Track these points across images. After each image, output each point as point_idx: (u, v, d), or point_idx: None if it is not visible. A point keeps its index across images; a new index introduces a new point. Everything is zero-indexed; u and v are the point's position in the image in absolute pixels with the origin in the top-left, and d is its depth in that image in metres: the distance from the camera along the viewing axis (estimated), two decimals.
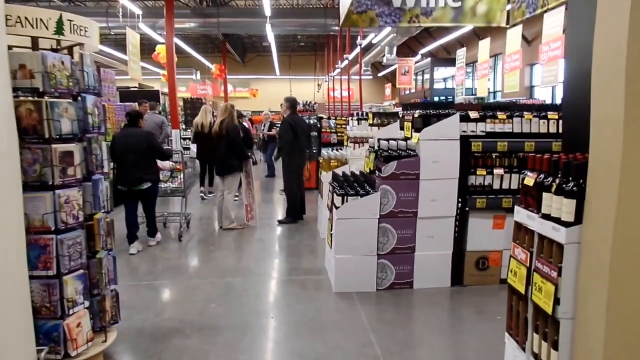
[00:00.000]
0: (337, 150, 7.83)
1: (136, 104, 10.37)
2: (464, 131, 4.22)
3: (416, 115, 4.36)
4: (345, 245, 4.26)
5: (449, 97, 19.55)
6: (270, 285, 4.86)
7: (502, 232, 4.37)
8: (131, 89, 14.31)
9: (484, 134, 4.24)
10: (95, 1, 17.81)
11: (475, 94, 17.29)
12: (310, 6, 18.56)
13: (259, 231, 6.71)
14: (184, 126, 14.97)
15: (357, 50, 15.06)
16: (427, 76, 22.81)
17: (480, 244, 4.40)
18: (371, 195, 4.19)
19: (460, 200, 4.29)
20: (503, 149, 4.22)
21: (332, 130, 10.26)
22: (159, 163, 5.83)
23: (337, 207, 4.22)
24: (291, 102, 6.99)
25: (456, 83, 15.90)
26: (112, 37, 22.48)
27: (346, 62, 15.56)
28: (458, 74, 15.51)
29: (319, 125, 10.25)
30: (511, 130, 4.28)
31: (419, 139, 4.19)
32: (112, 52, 20.47)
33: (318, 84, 26.92)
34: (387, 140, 4.41)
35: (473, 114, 4.23)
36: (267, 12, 12.85)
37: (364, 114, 7.71)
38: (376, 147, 4.48)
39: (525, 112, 4.36)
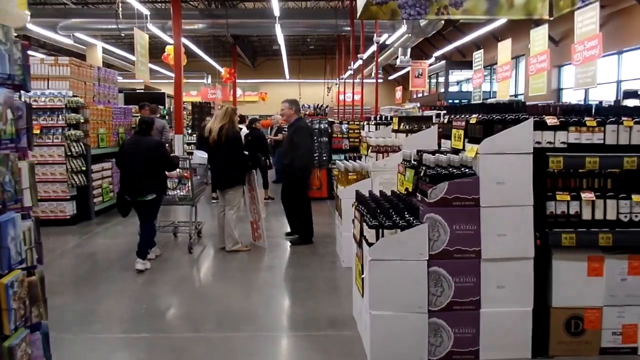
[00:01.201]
0: (354, 160, 7.21)
1: (137, 107, 9.86)
2: (538, 142, 3.28)
3: (473, 121, 3.40)
4: (383, 297, 3.23)
5: (463, 101, 18.90)
6: (282, 348, 3.83)
7: (601, 281, 3.28)
8: (137, 91, 13.81)
9: (564, 145, 3.29)
10: (107, 4, 17.44)
11: (494, 97, 16.67)
12: (320, 7, 17.98)
13: (268, 255, 5.99)
14: (189, 131, 14.45)
15: (373, 48, 14.41)
16: (441, 79, 22.12)
17: (571, 298, 3.30)
18: (416, 227, 3.18)
19: (538, 235, 3.26)
20: (593, 166, 3.22)
21: (344, 136, 9.64)
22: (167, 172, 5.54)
23: (369, 244, 3.29)
24: (297, 105, 6.36)
25: (473, 86, 15.27)
26: (127, 40, 22.20)
27: (360, 62, 14.92)
28: (475, 77, 14.87)
29: (329, 130, 9.64)
30: (602, 142, 3.28)
31: (477, 153, 3.24)
32: (125, 54, 20.09)
33: (328, 87, 26.34)
34: (433, 153, 3.53)
35: (551, 120, 3.27)
36: (277, 12, 12.31)
37: (384, 118, 7.07)
38: (414, 161, 3.69)
39: (624, 118, 3.31)
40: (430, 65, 21.27)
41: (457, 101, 19.22)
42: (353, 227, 3.97)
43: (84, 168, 7.43)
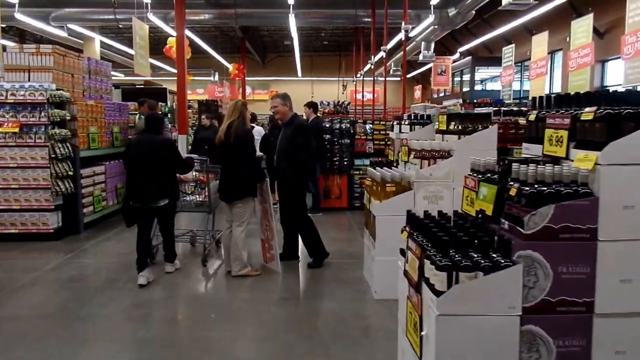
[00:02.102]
0: (382, 165, 6.11)
1: (137, 103, 8.81)
2: None
3: (588, 117, 2.36)
4: None
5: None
6: None
7: None
8: (137, 86, 12.79)
9: None
10: None
11: (527, 97, 15.46)
12: None
13: (282, 281, 4.93)
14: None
15: (398, 38, 13.21)
16: (465, 77, 20.93)
17: None
18: (505, 270, 2.17)
19: None
20: None
21: (369, 137, 8.52)
22: (181, 175, 5.14)
23: (437, 291, 2.25)
24: (290, 100, 5.29)
25: (502, 84, 14.12)
26: (128, 34, 21.23)
27: (382, 54, 13.73)
28: (505, 74, 13.69)
29: (352, 131, 8.53)
30: None
31: (597, 163, 2.23)
32: (126, 49, 19.07)
33: (343, 85, 25.19)
34: (525, 162, 2.43)
35: None
36: (290, 0, 11.20)
37: (418, 117, 5.95)
38: (492, 173, 2.67)
39: None
40: (454, 61, 20.12)
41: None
42: (405, 262, 2.85)
43: (71, 173, 6.38)
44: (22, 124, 6.07)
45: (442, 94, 23.21)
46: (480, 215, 2.66)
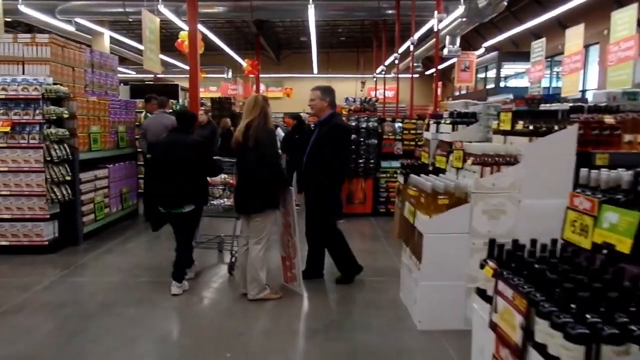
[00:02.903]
0: (415, 170, 5.33)
1: (143, 100, 8.13)
2: None
3: None
4: None
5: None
6: None
7: None
8: (146, 82, 12.15)
9: None
10: None
11: (558, 93, 14.54)
12: None
13: (307, 305, 4.21)
14: None
15: (423, 30, 12.37)
16: (490, 73, 20.02)
17: None
18: None
19: None
20: None
21: (397, 137, 7.75)
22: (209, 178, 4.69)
23: None
24: (332, 95, 4.52)
25: (531, 80, 13.23)
26: (140, 30, 20.63)
27: (409, 45, 12.87)
28: (534, 70, 12.80)
29: (379, 130, 7.75)
30: None
31: None
32: (138, 45, 18.46)
33: (362, 82, 24.34)
34: None
35: None
36: None
37: (467, 115, 5.15)
38: (627, 193, 1.91)
39: None
40: (478, 57, 19.23)
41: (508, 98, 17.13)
42: (492, 311, 2.07)
43: (68, 177, 5.70)
44: (13, 123, 5.40)
45: (463, 92, 22.33)
46: (606, 251, 1.89)
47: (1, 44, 5.82)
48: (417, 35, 12.97)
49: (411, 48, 12.56)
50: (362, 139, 7.64)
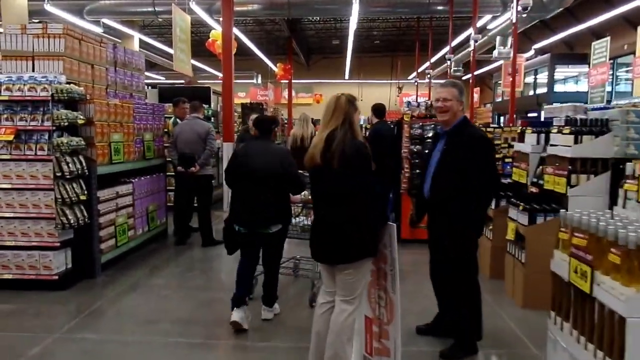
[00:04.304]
0: (546, 199, 4.16)
1: (172, 104, 7.13)
2: None
3: None
4: None
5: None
6: None
7: None
8: (175, 85, 11.25)
9: None
10: None
11: (622, 99, 13.11)
12: None
13: None
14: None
15: (466, 34, 11.18)
16: (540, 77, 18.61)
17: None
18: None
19: None
20: None
21: None
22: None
23: None
24: (465, 93, 3.36)
25: (591, 84, 11.85)
26: (168, 35, 19.94)
27: (471, 44, 11.66)
28: (596, 73, 11.44)
29: None
30: None
31: None
32: (166, 48, 17.67)
33: (399, 87, 23.11)
34: None
35: None
36: None
37: (595, 123, 3.92)
38: None
39: None
40: (527, 59, 17.89)
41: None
42: None
43: (83, 197, 4.67)
44: (18, 130, 4.41)
45: (507, 98, 20.92)
46: None
47: (8, 36, 4.85)
48: (460, 39, 11.77)
49: (472, 45, 11.30)
50: (427, 151, 6.44)
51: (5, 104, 4.45)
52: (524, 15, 10.97)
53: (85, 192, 4.70)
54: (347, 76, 25.09)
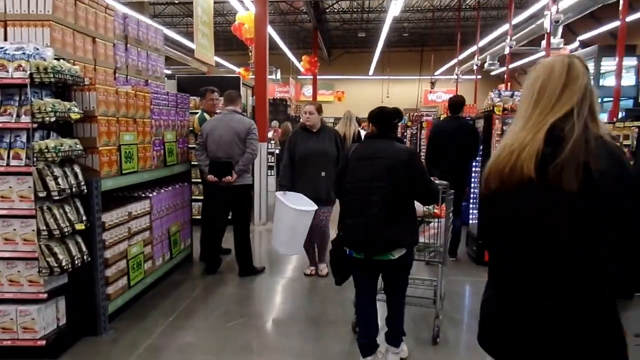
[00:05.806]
0: None
1: (198, 95, 5.71)
2: None
3: None
4: None
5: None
6: None
7: None
8: (198, 75, 9.92)
9: None
10: None
11: None
12: None
13: None
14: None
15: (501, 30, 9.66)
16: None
17: None
18: None
19: None
20: None
21: None
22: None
23: None
24: None
25: None
26: (183, 25, 18.59)
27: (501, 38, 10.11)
28: None
29: None
30: None
31: None
32: (188, 43, 16.27)
33: (432, 82, 21.51)
34: None
35: None
36: None
37: None
38: None
39: None
40: (571, 52, 16.22)
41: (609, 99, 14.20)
42: None
43: (80, 226, 3.21)
44: None
45: None
46: None
47: None
48: (495, 34, 10.29)
49: (510, 45, 9.72)
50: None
51: None
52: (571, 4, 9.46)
53: (84, 217, 3.25)
54: (371, 72, 23.53)
